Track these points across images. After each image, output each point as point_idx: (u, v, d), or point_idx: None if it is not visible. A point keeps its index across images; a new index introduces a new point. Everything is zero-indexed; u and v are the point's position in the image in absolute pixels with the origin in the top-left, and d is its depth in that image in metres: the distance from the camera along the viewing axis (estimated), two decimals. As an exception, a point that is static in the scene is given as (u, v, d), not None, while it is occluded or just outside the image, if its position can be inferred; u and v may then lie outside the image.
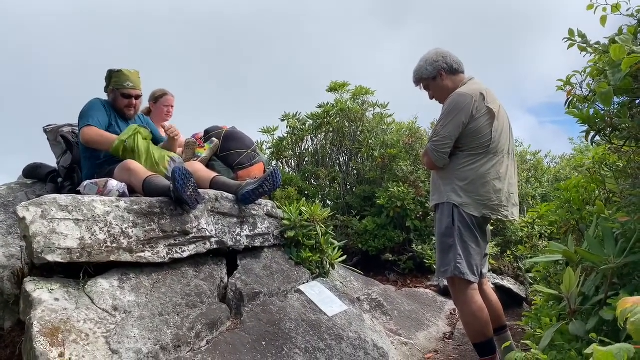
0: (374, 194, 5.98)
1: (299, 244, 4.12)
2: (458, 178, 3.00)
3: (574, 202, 2.71)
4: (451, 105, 2.99)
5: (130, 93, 3.96)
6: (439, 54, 3.17)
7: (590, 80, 2.30)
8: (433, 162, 3.05)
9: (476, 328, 2.98)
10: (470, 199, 2.96)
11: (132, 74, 4.00)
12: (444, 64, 3.13)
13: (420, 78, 3.24)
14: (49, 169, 4.33)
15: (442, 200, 3.06)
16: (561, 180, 7.21)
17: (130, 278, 2.97)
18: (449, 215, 2.99)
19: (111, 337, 2.55)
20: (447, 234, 2.99)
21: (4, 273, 3.19)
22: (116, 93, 3.96)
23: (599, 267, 1.89)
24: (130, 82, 3.95)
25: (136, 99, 4.02)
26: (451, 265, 2.95)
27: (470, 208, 2.95)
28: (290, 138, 7.05)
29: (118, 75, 3.95)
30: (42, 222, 2.72)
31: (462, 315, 3.11)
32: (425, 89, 3.28)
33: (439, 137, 3.00)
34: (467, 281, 2.94)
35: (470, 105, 2.94)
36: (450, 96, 3.04)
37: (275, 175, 3.71)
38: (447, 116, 2.98)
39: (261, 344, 3.02)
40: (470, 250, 2.95)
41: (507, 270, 5.54)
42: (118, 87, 3.94)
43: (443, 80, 3.15)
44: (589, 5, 2.21)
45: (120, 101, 3.96)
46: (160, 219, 3.18)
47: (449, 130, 2.95)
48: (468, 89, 3.03)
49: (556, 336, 1.97)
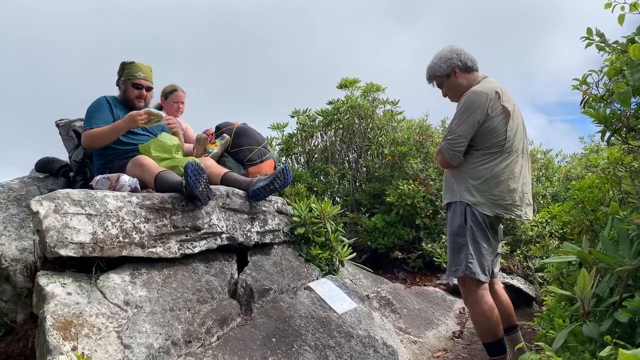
0: (383, 191, 5.97)
1: (308, 240, 4.12)
2: (472, 177, 2.98)
3: (588, 203, 2.68)
4: (466, 104, 2.95)
5: (142, 83, 3.96)
6: (453, 51, 3.14)
7: (606, 80, 2.28)
8: (447, 161, 3.02)
9: (486, 328, 2.96)
10: (483, 198, 2.94)
11: (144, 66, 4.01)
12: (458, 61, 3.11)
13: (433, 75, 3.21)
14: (61, 163, 4.35)
15: (454, 199, 3.04)
16: (572, 179, 7.17)
17: (142, 273, 2.98)
18: (461, 214, 2.97)
19: (123, 332, 2.56)
20: (459, 233, 2.97)
21: (17, 266, 3.21)
22: (127, 84, 3.96)
23: (613, 268, 1.87)
24: (142, 73, 3.96)
25: (147, 90, 4.01)
26: (462, 264, 2.93)
27: (483, 207, 2.93)
28: (300, 134, 7.05)
29: (130, 66, 3.97)
30: (55, 217, 2.73)
31: (472, 315, 3.09)
32: (438, 86, 3.25)
33: (453, 136, 2.97)
34: (478, 281, 2.93)
35: (486, 103, 2.91)
36: (465, 94, 3.01)
37: (286, 172, 3.71)
38: (462, 114, 2.95)
39: (271, 340, 3.03)
40: (481, 250, 2.94)
41: (516, 269, 5.52)
42: (129, 77, 3.95)
43: (457, 78, 3.12)
44: (606, 3, 2.19)
45: (131, 91, 3.96)
46: (172, 214, 3.19)
47: (464, 128, 2.93)
48: (483, 87, 2.99)
49: (569, 337, 1.96)
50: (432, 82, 3.26)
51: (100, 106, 3.87)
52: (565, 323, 2.12)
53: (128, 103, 3.98)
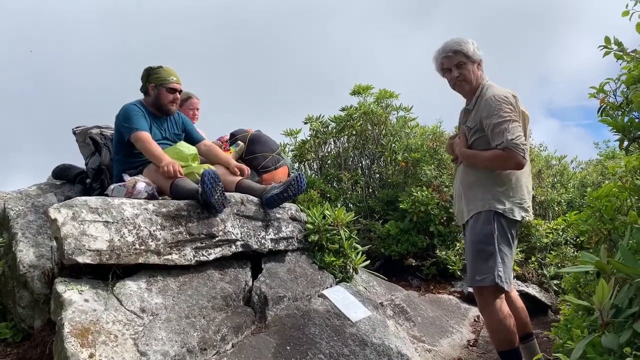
0: (396, 198, 5.95)
1: (322, 247, 4.12)
2: (497, 184, 2.91)
3: (606, 212, 2.65)
4: (501, 103, 2.82)
5: (175, 87, 3.96)
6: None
7: (624, 88, 2.26)
8: (521, 160, 2.78)
9: (502, 336, 2.93)
10: (511, 203, 2.89)
11: (172, 70, 4.02)
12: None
13: (460, 51, 2.99)
14: (77, 170, 4.41)
15: (482, 209, 2.92)
16: (587, 186, 7.09)
17: (158, 280, 3.00)
18: (489, 221, 2.88)
19: (139, 339, 2.58)
20: (487, 241, 2.88)
21: (34, 272, 3.26)
22: (160, 89, 3.93)
23: (633, 279, 1.85)
24: (173, 77, 3.96)
25: (179, 93, 4.03)
26: (492, 273, 2.84)
27: (513, 213, 2.88)
28: (312, 141, 7.06)
29: (159, 71, 3.96)
30: (73, 224, 2.77)
31: (488, 323, 3.05)
32: (457, 65, 3.00)
33: (514, 135, 2.76)
34: (497, 289, 2.88)
35: (516, 105, 2.86)
36: (495, 95, 2.87)
37: (300, 180, 3.72)
38: (503, 113, 2.80)
39: (285, 348, 3.03)
40: (505, 259, 2.88)
41: (531, 277, 5.47)
42: (162, 82, 3.93)
43: (478, 69, 3.03)
44: (624, 11, 2.17)
45: (165, 96, 3.94)
46: (188, 221, 3.21)
47: (515, 125, 2.80)
48: (506, 91, 2.92)
49: (588, 349, 1.94)
50: (456, 55, 3.00)
51: (136, 111, 3.85)
52: (583, 334, 2.10)
53: (162, 108, 3.97)
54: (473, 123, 3.00)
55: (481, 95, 2.97)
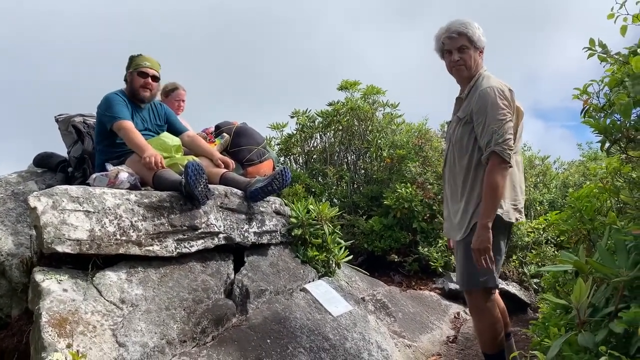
0: (381, 194, 5.96)
1: (305, 242, 4.12)
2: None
3: (586, 212, 2.68)
4: (496, 97, 2.68)
5: (147, 71, 3.90)
6: None
7: (607, 90, 2.28)
8: (506, 166, 2.64)
9: (491, 339, 2.89)
10: (507, 205, 2.77)
11: (152, 59, 3.98)
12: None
13: (469, 37, 2.80)
14: (59, 158, 4.35)
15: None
16: (569, 186, 7.18)
17: (138, 271, 2.98)
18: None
19: (118, 330, 2.56)
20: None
21: (13, 261, 3.21)
22: (133, 74, 3.90)
23: (610, 279, 1.87)
24: (147, 62, 3.93)
25: (153, 80, 3.95)
26: (486, 276, 2.75)
27: (509, 215, 2.77)
28: (299, 135, 7.05)
29: (137, 58, 3.94)
30: (53, 213, 2.73)
31: (477, 324, 2.99)
32: (459, 49, 2.82)
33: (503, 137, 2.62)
34: (488, 291, 2.84)
35: (511, 100, 2.72)
36: (489, 86, 2.72)
37: (285, 174, 3.71)
38: (496, 114, 2.65)
39: (266, 341, 3.03)
40: (497, 263, 2.80)
41: (512, 275, 5.52)
42: (135, 67, 3.91)
43: (479, 57, 2.87)
44: (609, 14, 2.19)
45: (136, 80, 3.89)
46: (170, 213, 3.18)
47: (508, 127, 2.64)
48: (503, 84, 2.76)
49: (564, 347, 1.96)
50: (461, 37, 2.80)
51: (118, 100, 3.80)
52: (560, 332, 2.12)
53: (134, 94, 3.91)
54: (463, 114, 2.82)
55: (476, 85, 2.81)
